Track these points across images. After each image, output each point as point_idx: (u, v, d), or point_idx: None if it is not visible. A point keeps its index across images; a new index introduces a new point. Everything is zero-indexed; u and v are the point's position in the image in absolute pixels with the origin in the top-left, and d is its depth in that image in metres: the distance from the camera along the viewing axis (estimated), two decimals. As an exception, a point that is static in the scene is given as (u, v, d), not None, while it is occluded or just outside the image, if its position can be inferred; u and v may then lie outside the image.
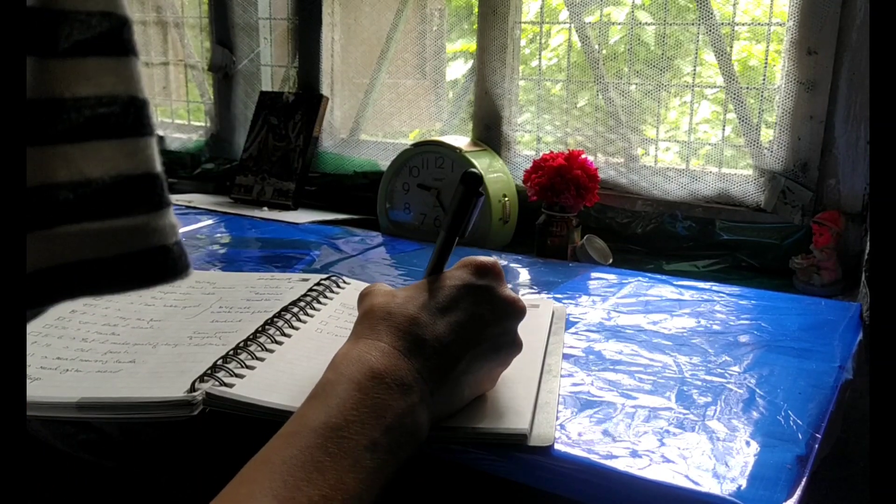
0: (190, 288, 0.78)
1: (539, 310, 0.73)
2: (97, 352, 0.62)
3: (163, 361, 0.60)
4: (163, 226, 0.35)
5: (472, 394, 0.53)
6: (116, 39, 0.33)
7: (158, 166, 0.35)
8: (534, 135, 1.27)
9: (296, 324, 0.67)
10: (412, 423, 0.46)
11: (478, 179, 0.54)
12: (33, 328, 0.66)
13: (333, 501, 0.40)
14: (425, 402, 0.47)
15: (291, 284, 0.77)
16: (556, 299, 0.81)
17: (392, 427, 0.44)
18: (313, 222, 1.25)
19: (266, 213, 1.32)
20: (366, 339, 0.49)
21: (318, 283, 0.77)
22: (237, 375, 0.56)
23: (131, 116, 0.34)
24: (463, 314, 0.51)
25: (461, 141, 1.19)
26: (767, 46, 1.07)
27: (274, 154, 1.43)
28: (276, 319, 0.67)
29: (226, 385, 0.55)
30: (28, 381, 0.57)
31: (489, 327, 0.52)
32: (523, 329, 0.69)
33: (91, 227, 0.33)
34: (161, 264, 0.35)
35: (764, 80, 1.07)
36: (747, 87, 1.09)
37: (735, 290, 0.86)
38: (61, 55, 0.32)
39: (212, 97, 1.61)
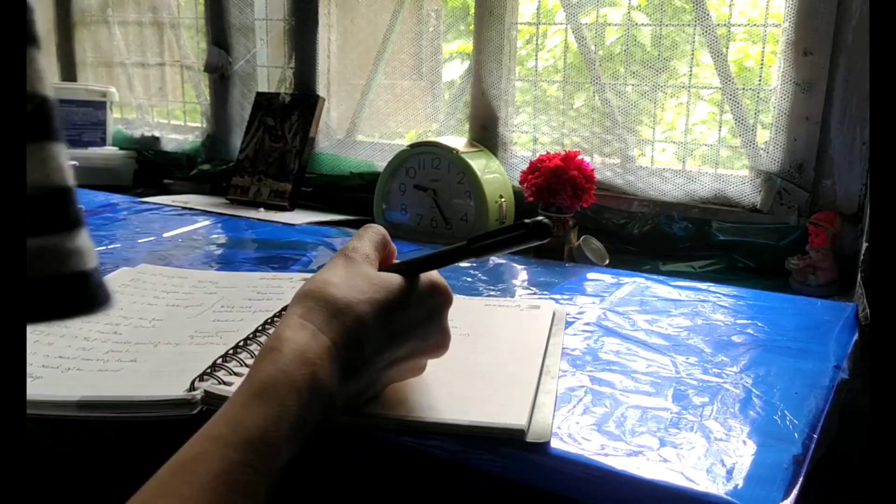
0: (192, 287, 0.79)
1: (539, 311, 0.74)
2: (99, 350, 0.62)
3: (164, 360, 0.60)
4: (77, 249, 0.30)
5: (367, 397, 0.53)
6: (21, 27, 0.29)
7: (71, 179, 0.30)
8: (530, 135, 1.27)
9: (294, 324, 0.67)
10: (313, 435, 0.45)
11: (547, 230, 0.50)
12: (35, 326, 0.66)
13: None
14: (334, 417, 0.47)
15: (293, 284, 0.78)
16: (552, 300, 0.81)
17: (306, 439, 0.43)
18: (310, 223, 1.25)
19: (262, 214, 1.32)
20: (318, 334, 0.46)
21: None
22: (237, 374, 0.56)
23: (39, 118, 0.29)
24: (405, 326, 0.50)
25: (458, 142, 1.19)
26: (763, 47, 1.07)
27: (270, 155, 1.43)
28: (276, 319, 0.67)
29: (225, 384, 0.55)
30: (29, 379, 0.57)
31: (416, 350, 0.52)
32: (523, 331, 0.69)
33: None
34: (78, 293, 0.30)
35: (760, 81, 1.08)
36: (743, 88, 1.09)
37: (731, 290, 0.87)
38: None
39: (208, 98, 1.61)
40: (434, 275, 0.53)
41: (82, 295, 0.30)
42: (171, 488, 0.37)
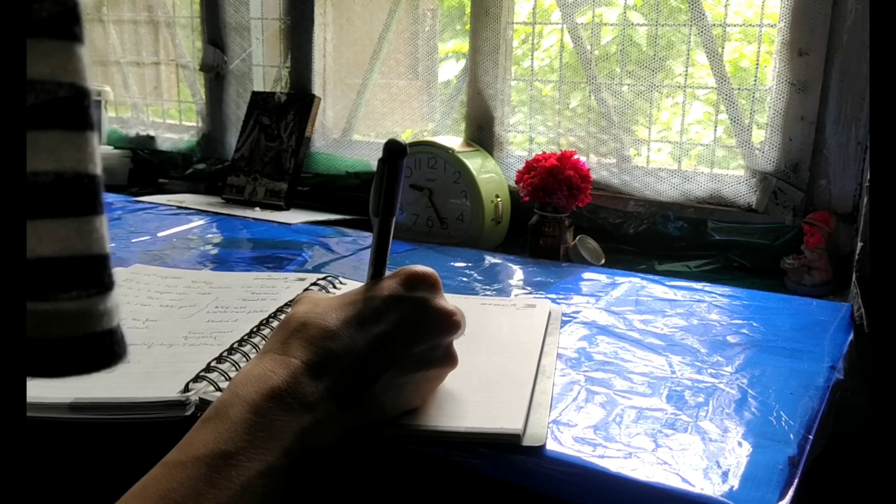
0: (186, 287, 0.78)
1: (535, 310, 0.74)
2: None
3: (157, 361, 0.60)
4: (109, 308, 0.33)
5: (398, 408, 0.51)
6: (78, 111, 0.32)
7: (108, 246, 0.33)
8: (526, 135, 1.27)
9: (289, 324, 0.67)
10: (315, 443, 0.44)
11: (403, 148, 0.50)
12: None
13: None
14: (333, 420, 0.45)
15: (288, 284, 0.77)
16: (548, 299, 0.81)
17: (291, 449, 0.42)
18: (305, 223, 1.25)
19: (258, 214, 1.31)
20: (273, 355, 0.46)
21: (314, 283, 0.77)
22: (230, 377, 0.56)
23: (88, 194, 0.32)
24: (386, 327, 0.48)
25: (454, 141, 1.19)
26: (759, 47, 1.07)
27: (266, 154, 1.43)
28: (271, 319, 0.66)
29: (219, 389, 0.55)
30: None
31: (415, 343, 0.49)
32: (519, 330, 0.69)
33: (38, 307, 0.31)
34: (106, 348, 0.33)
35: (755, 80, 1.08)
36: (739, 88, 1.09)
37: (727, 290, 0.87)
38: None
39: (203, 97, 1.61)
40: (414, 267, 0.51)
41: (106, 350, 0.34)
42: None
